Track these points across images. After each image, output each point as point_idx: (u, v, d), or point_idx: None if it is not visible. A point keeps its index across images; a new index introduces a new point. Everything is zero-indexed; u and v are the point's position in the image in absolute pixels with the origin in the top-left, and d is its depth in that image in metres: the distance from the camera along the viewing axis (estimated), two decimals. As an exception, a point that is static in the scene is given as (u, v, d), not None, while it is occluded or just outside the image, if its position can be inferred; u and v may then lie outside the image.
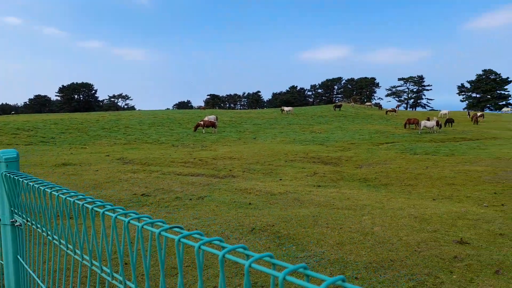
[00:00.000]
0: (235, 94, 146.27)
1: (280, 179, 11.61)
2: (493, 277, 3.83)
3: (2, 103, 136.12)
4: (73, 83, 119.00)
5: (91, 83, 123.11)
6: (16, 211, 1.52)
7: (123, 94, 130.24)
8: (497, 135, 29.04)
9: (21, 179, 1.38)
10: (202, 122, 29.23)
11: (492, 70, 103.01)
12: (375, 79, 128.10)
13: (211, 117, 31.69)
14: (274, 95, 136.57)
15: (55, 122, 29.62)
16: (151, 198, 7.70)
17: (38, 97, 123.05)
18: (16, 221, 1.53)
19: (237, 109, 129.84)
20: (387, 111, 53.83)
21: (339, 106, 56.90)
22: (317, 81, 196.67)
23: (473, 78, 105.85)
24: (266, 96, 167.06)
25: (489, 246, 4.76)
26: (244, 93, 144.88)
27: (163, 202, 7.44)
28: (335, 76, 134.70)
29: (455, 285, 3.66)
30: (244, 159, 16.20)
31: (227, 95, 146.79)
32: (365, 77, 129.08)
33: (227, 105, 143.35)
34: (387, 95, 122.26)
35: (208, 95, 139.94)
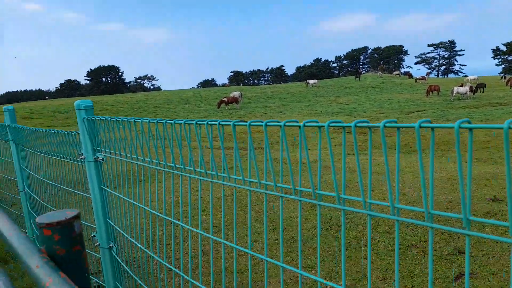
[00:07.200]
0: (259, 70, 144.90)
1: (309, 149, 11.74)
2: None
3: (36, 89, 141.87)
4: (100, 66, 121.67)
5: (117, 65, 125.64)
6: (98, 148, 1.80)
7: (148, 75, 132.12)
8: (536, 98, 27.54)
9: (99, 119, 1.66)
10: (225, 99, 29.35)
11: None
12: (403, 47, 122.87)
13: (235, 94, 31.83)
14: (298, 68, 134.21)
15: (87, 105, 30.85)
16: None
17: (68, 81, 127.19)
18: (98, 157, 1.81)
19: (261, 84, 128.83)
20: (416, 79, 52.15)
21: (359, 75, 56.77)
22: (342, 52, 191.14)
23: (510, 39, 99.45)
24: (290, 70, 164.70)
25: (524, 203, 4.76)
26: (267, 68, 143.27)
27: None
28: (361, 46, 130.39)
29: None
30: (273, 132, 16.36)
31: (250, 71, 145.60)
32: (393, 45, 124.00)
33: (251, 81, 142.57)
34: (416, 63, 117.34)
35: (231, 72, 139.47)
